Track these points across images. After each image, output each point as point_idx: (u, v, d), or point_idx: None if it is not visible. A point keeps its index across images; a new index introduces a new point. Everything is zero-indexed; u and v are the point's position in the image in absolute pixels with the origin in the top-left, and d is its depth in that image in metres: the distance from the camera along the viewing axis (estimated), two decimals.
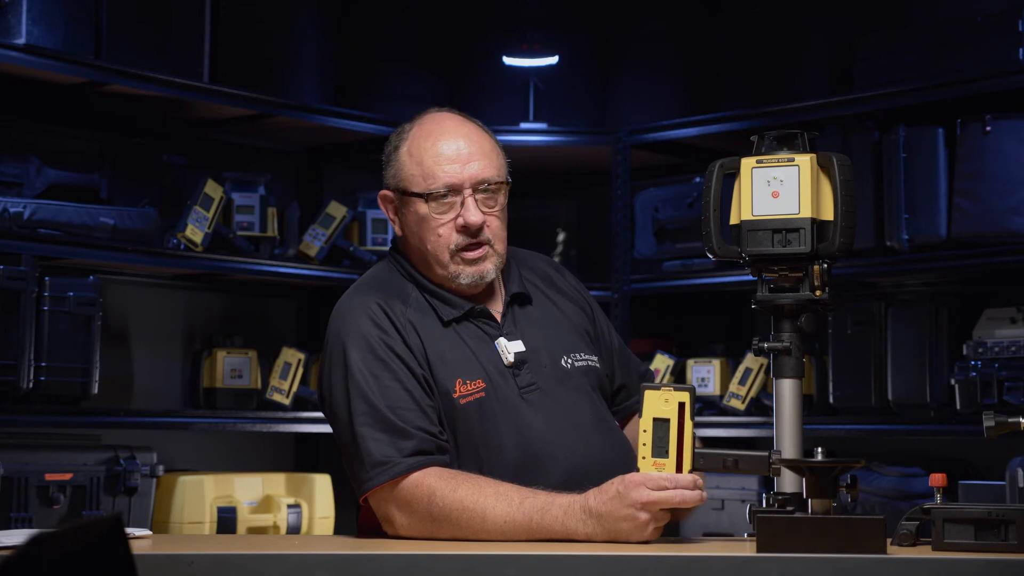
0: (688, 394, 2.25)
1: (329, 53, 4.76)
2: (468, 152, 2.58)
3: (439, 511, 2.37)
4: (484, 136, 2.64)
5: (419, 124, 2.64)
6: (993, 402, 3.83)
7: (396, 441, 2.42)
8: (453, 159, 2.57)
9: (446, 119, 2.64)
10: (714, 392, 4.59)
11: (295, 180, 5.04)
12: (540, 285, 2.72)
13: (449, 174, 2.56)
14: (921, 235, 4.02)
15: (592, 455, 2.53)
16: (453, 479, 2.40)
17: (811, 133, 2.35)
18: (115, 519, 1.49)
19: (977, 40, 4.02)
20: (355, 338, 2.50)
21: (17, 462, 3.77)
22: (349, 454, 2.48)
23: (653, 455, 2.25)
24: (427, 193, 2.56)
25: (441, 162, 2.56)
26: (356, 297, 2.58)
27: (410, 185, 2.58)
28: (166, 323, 4.70)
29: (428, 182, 2.56)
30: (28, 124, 4.07)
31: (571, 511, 2.30)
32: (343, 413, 2.48)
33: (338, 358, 2.51)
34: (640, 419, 2.26)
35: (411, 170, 2.58)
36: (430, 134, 2.61)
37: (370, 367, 2.47)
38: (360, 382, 2.46)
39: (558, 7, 5.10)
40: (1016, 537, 2.12)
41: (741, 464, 2.25)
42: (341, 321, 2.54)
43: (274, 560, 2.07)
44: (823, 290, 2.29)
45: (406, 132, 2.64)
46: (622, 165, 4.82)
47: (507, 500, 2.35)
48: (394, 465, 2.41)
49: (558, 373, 2.58)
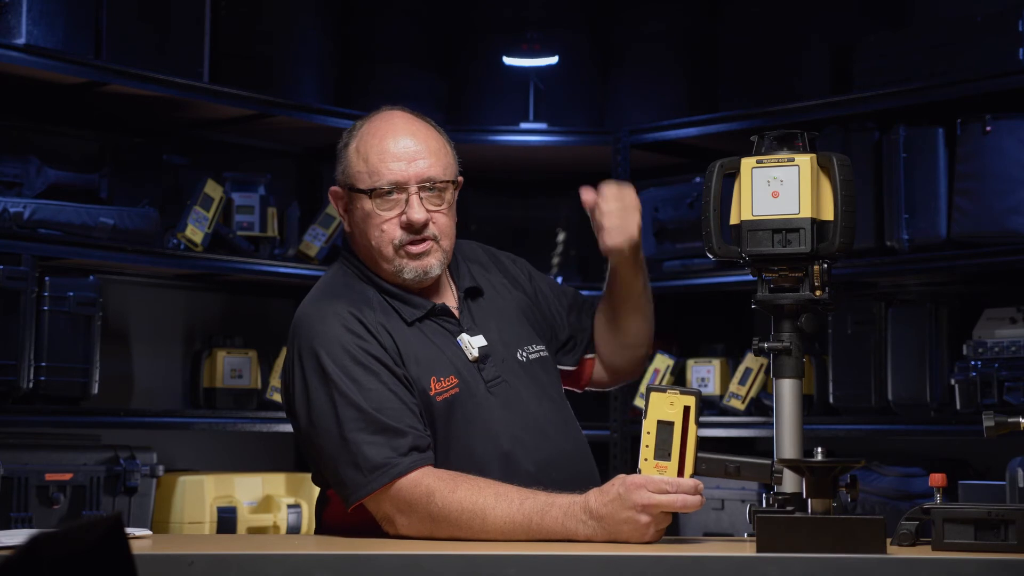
0: (694, 398, 2.24)
1: (329, 53, 4.77)
2: (415, 150, 2.57)
3: (438, 511, 2.37)
4: (432, 134, 2.63)
5: (369, 122, 2.64)
6: (993, 402, 3.83)
7: (391, 441, 2.42)
8: (399, 157, 2.56)
9: (396, 117, 2.63)
10: (714, 392, 4.59)
11: (295, 180, 5.04)
12: (485, 275, 2.74)
13: (394, 171, 2.56)
14: (921, 235, 4.02)
15: (555, 447, 2.57)
16: (452, 480, 2.40)
17: (811, 133, 2.35)
18: (115, 519, 1.49)
19: (977, 40, 4.02)
20: (330, 345, 2.48)
21: (17, 462, 3.78)
22: (337, 461, 2.45)
23: (655, 457, 2.25)
24: (372, 189, 2.56)
25: (387, 159, 2.56)
26: (322, 305, 2.56)
27: (356, 181, 2.59)
28: (166, 323, 4.70)
29: (373, 179, 2.56)
30: (28, 124, 4.07)
31: (571, 512, 2.30)
32: (327, 422, 2.45)
33: (313, 368, 2.49)
34: (644, 421, 2.26)
35: (358, 167, 2.59)
36: (378, 131, 2.61)
37: (351, 373, 2.46)
38: (344, 388, 2.45)
39: (558, 7, 5.10)
40: (1016, 537, 2.12)
41: (743, 471, 2.25)
42: (310, 330, 2.52)
43: (274, 560, 2.07)
44: (823, 290, 2.29)
45: (357, 129, 2.64)
46: (622, 165, 4.82)
47: (507, 500, 2.35)
48: (393, 466, 2.40)
49: (516, 366, 2.62)
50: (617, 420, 4.75)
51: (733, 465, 2.25)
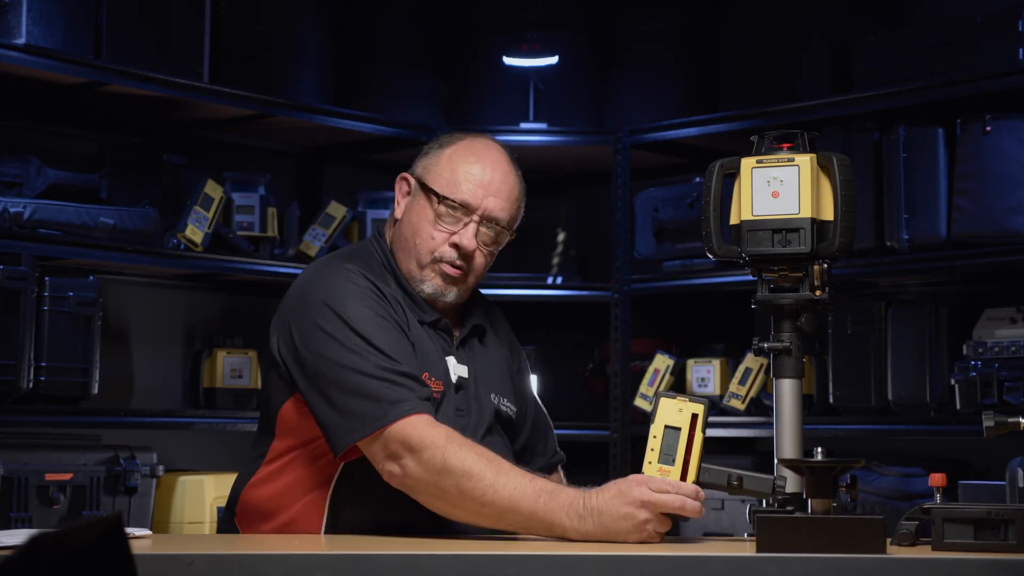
0: (702, 407, 2.26)
1: (329, 53, 4.77)
2: (497, 188, 2.64)
3: (452, 456, 2.35)
4: (517, 184, 2.69)
5: (471, 139, 2.70)
6: (993, 402, 3.83)
7: (409, 383, 2.43)
8: (482, 184, 2.62)
9: (494, 151, 2.69)
10: (714, 392, 4.59)
11: (295, 180, 5.04)
12: (493, 328, 2.78)
13: (471, 194, 2.61)
14: (921, 235, 4.02)
15: None
16: (467, 439, 2.42)
17: (811, 133, 2.35)
18: (115, 519, 1.49)
19: (977, 40, 4.02)
20: (351, 296, 2.50)
21: (17, 462, 3.77)
22: (351, 397, 2.43)
23: (659, 461, 2.26)
24: (443, 196, 2.61)
25: (471, 180, 2.62)
26: (343, 265, 2.58)
27: (434, 183, 2.63)
28: (166, 323, 4.70)
29: (450, 189, 2.62)
30: (28, 124, 4.07)
31: (574, 503, 2.30)
32: (346, 360, 2.44)
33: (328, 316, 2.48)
34: (651, 425, 2.26)
35: (442, 171, 2.64)
36: (475, 152, 2.66)
37: (372, 321, 2.47)
38: (366, 332, 2.46)
39: (558, 7, 5.10)
40: (1016, 537, 2.12)
41: (746, 483, 2.25)
42: (329, 284, 2.53)
43: (274, 560, 2.07)
44: (823, 290, 2.29)
45: (457, 139, 2.70)
46: (622, 165, 4.82)
47: (519, 473, 2.36)
48: (411, 402, 2.40)
49: (484, 409, 2.63)
50: (617, 420, 4.75)
51: (736, 477, 2.25)
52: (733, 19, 4.76)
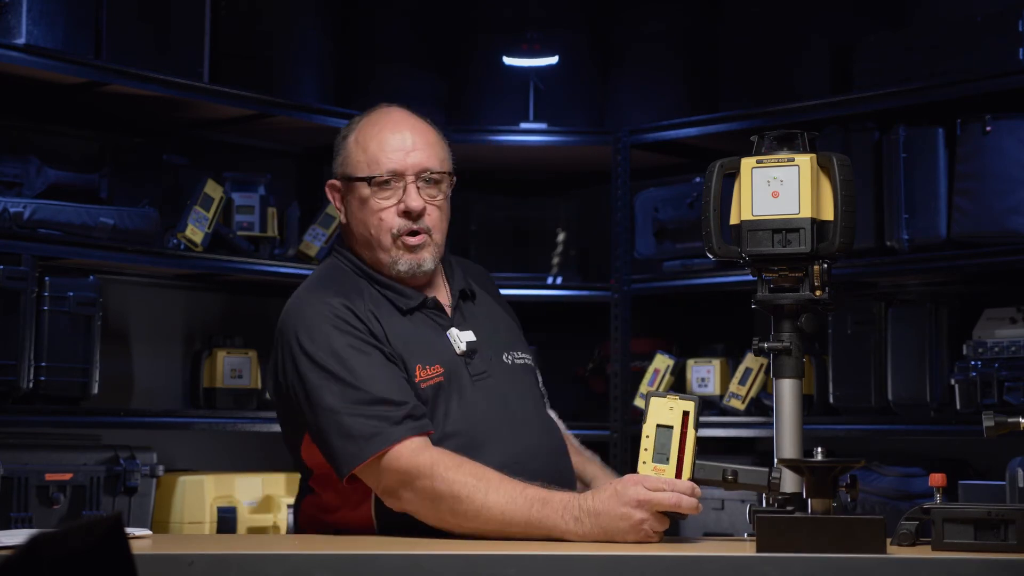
0: (693, 404, 2.27)
1: (329, 53, 4.76)
2: (412, 142, 2.67)
3: (441, 483, 2.39)
4: (429, 129, 2.73)
5: (368, 116, 2.74)
6: (993, 402, 3.83)
7: (383, 411, 2.45)
8: (397, 147, 2.66)
9: (394, 112, 2.74)
10: (714, 392, 4.59)
11: (295, 180, 5.04)
12: (480, 286, 2.81)
13: (393, 160, 2.64)
14: (921, 235, 4.02)
15: (532, 442, 2.60)
16: (454, 457, 2.44)
17: (811, 133, 2.35)
18: (115, 519, 1.49)
19: (977, 40, 4.02)
20: (321, 329, 2.53)
21: (17, 462, 3.77)
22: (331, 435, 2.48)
23: (653, 460, 2.27)
24: (371, 178, 2.64)
25: (386, 149, 2.65)
26: (312, 295, 2.62)
27: (355, 170, 2.67)
28: (166, 323, 4.70)
29: (372, 168, 2.65)
30: (28, 124, 4.07)
31: (569, 507, 2.31)
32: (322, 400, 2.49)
33: (304, 352, 2.53)
34: (643, 425, 2.27)
35: (357, 157, 2.67)
36: (377, 123, 2.71)
37: (342, 353, 2.51)
38: (333, 367, 2.49)
39: (558, 7, 5.10)
40: (1016, 537, 2.12)
41: (741, 477, 2.26)
42: (299, 316, 2.58)
43: (274, 560, 2.07)
44: (823, 290, 2.29)
45: (355, 123, 2.74)
46: (622, 165, 4.82)
47: (510, 485, 2.37)
48: (387, 434, 2.43)
49: (503, 366, 2.67)
50: (617, 420, 4.75)
51: (731, 472, 2.26)
52: (733, 19, 4.75)
